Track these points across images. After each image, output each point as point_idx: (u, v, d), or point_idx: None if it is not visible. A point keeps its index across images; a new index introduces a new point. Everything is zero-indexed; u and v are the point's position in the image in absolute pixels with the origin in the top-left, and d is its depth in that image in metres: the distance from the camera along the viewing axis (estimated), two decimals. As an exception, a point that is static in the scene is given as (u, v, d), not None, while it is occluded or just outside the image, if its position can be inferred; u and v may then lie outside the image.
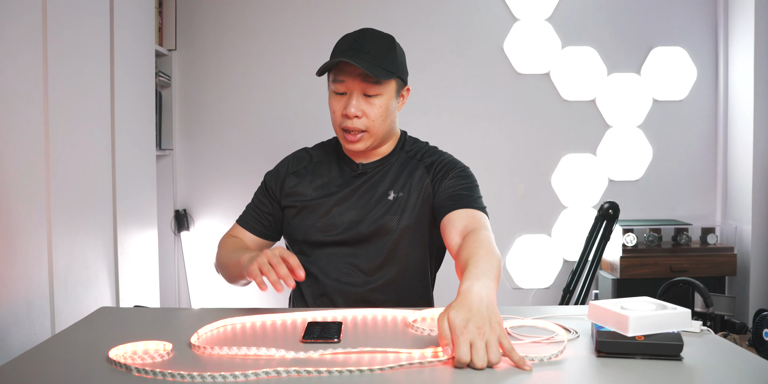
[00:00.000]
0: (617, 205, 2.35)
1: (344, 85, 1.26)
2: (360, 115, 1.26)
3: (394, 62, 1.28)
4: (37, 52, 1.46)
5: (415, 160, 1.38)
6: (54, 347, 0.96)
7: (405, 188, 1.33)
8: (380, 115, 1.28)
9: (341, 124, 1.29)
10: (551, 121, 2.88)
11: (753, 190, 2.73)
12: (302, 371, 0.82)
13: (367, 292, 1.32)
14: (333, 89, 1.28)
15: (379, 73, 1.23)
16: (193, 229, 2.81)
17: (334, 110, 1.29)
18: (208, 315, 1.13)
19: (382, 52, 1.26)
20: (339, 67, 1.26)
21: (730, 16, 2.85)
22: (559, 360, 0.88)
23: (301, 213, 1.36)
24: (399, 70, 1.30)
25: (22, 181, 1.38)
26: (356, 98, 1.26)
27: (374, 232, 1.31)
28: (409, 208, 1.32)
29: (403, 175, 1.35)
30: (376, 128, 1.29)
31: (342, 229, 1.33)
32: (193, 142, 2.81)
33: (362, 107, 1.26)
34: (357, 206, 1.33)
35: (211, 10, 2.78)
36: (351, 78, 1.25)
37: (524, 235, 2.89)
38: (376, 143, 1.33)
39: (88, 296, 1.72)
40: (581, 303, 2.42)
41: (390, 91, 1.28)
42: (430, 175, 1.34)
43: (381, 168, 1.36)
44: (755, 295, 2.74)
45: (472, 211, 1.25)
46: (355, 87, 1.25)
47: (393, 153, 1.38)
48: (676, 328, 0.91)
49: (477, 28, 2.83)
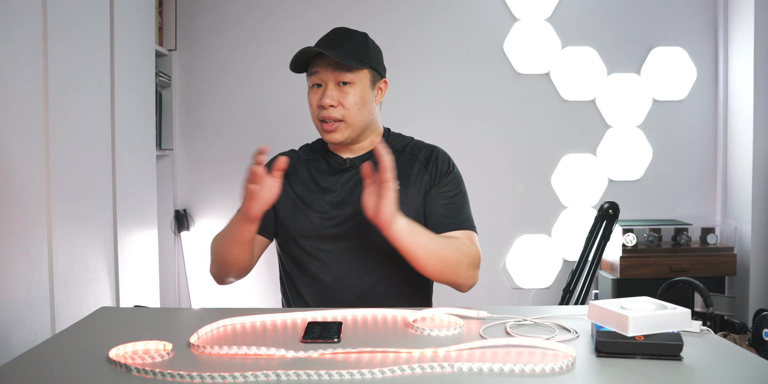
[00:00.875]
0: (617, 205, 2.35)
1: (318, 76, 1.31)
2: (335, 104, 1.30)
3: (365, 53, 1.33)
4: (37, 52, 1.46)
5: (405, 153, 1.40)
6: (54, 347, 0.96)
7: (402, 181, 1.34)
8: (355, 103, 1.31)
9: (318, 115, 1.33)
10: (551, 121, 2.88)
11: (753, 190, 2.73)
12: (302, 374, 0.82)
13: (368, 286, 1.32)
14: (309, 83, 1.34)
15: (349, 61, 1.28)
16: (193, 229, 2.81)
17: (312, 103, 1.33)
18: (208, 315, 1.13)
19: (353, 45, 1.32)
20: (313, 61, 1.32)
21: (730, 16, 2.85)
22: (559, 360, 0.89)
23: (295, 210, 1.36)
24: (372, 61, 1.34)
25: (22, 181, 1.38)
26: (330, 88, 1.30)
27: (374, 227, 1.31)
28: (408, 201, 1.33)
29: (397, 167, 1.36)
30: (352, 118, 1.31)
31: (338, 222, 1.33)
32: (193, 142, 2.81)
33: (337, 97, 1.30)
34: (351, 199, 1.34)
35: (211, 10, 2.78)
36: (323, 68, 1.30)
37: (524, 235, 2.90)
38: (354, 134, 1.34)
39: (88, 296, 1.72)
40: (581, 303, 2.42)
41: (364, 81, 1.32)
42: (428, 170, 1.37)
43: (369, 160, 1.37)
44: (755, 295, 2.74)
45: (467, 232, 1.32)
46: (329, 77, 1.30)
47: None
48: (676, 328, 0.91)
49: (477, 28, 2.83)
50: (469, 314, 1.10)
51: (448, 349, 0.92)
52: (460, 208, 1.35)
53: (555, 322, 1.06)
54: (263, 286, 2.81)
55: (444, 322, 1.08)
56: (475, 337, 0.99)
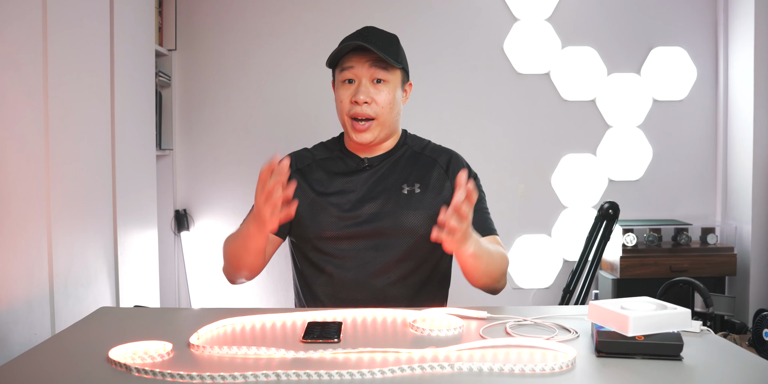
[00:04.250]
0: (617, 205, 2.35)
1: (353, 71, 1.28)
2: (369, 101, 1.28)
3: (399, 53, 1.32)
4: (37, 52, 1.46)
5: (424, 155, 1.39)
6: (54, 347, 0.96)
7: (421, 184, 1.34)
8: (389, 102, 1.30)
9: (349, 112, 1.29)
10: (551, 121, 2.88)
11: (753, 190, 2.73)
12: (302, 374, 0.82)
13: (386, 287, 1.31)
14: (340, 78, 1.30)
15: (390, 57, 1.27)
16: (193, 229, 2.81)
17: (342, 99, 1.30)
18: (208, 315, 1.13)
19: (388, 43, 1.30)
20: (347, 56, 1.29)
21: (730, 16, 2.85)
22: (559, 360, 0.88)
23: (312, 209, 1.34)
24: (404, 62, 1.34)
25: (22, 181, 1.38)
26: (365, 84, 1.28)
27: (394, 228, 1.31)
28: (427, 205, 1.33)
29: (416, 169, 1.36)
30: (384, 116, 1.30)
31: (358, 221, 1.32)
32: (193, 142, 2.81)
33: (371, 94, 1.28)
34: (369, 198, 1.33)
35: (211, 10, 2.78)
36: (360, 64, 1.28)
37: (524, 235, 2.90)
38: (383, 134, 1.33)
39: (88, 296, 1.72)
40: (581, 303, 2.42)
41: (396, 80, 1.32)
42: (449, 176, 1.36)
43: (387, 161, 1.37)
44: (755, 295, 2.74)
45: (493, 237, 1.33)
46: (364, 73, 1.28)
47: (396, 147, 1.39)
48: (676, 328, 0.91)
49: (477, 28, 2.83)
50: (469, 314, 1.10)
51: (448, 349, 0.92)
52: (485, 213, 1.36)
53: (555, 322, 1.06)
54: (263, 286, 2.81)
55: (444, 322, 1.08)
56: (475, 337, 0.99)
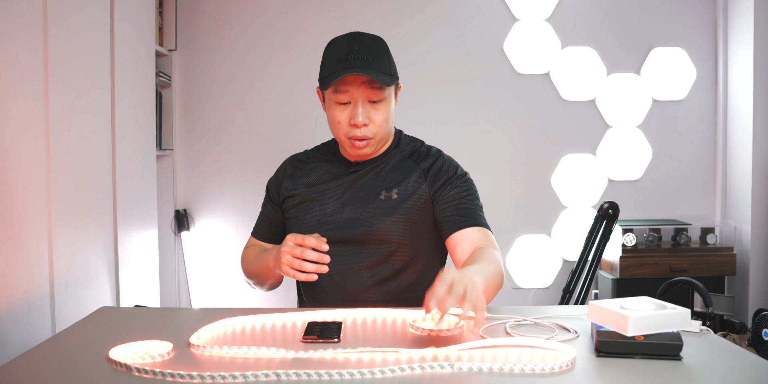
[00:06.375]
0: (617, 205, 2.36)
1: (347, 94, 1.25)
2: (367, 122, 1.26)
3: (390, 64, 1.29)
4: (37, 52, 1.46)
5: (410, 161, 1.37)
6: (54, 347, 0.96)
7: (399, 189, 1.33)
8: (385, 119, 1.29)
9: (348, 134, 1.28)
10: (551, 121, 2.88)
11: (752, 190, 2.73)
12: (302, 374, 0.82)
13: (358, 292, 1.31)
14: (335, 100, 1.27)
15: (384, 79, 1.24)
16: (193, 229, 2.81)
17: (339, 121, 1.27)
18: (208, 315, 1.13)
19: (378, 55, 1.26)
20: (341, 78, 1.25)
21: (729, 16, 2.85)
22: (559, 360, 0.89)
23: (297, 213, 1.36)
24: (395, 71, 1.31)
25: (23, 181, 1.38)
26: (362, 106, 1.26)
27: (369, 234, 1.30)
28: (403, 210, 1.31)
29: (398, 174, 1.35)
30: (381, 133, 1.30)
31: (335, 227, 1.32)
32: (193, 142, 2.81)
33: (369, 115, 1.27)
34: (350, 203, 1.33)
35: (211, 10, 2.78)
36: (354, 87, 1.24)
37: (524, 235, 2.90)
38: (380, 144, 1.34)
39: (88, 296, 1.72)
40: (581, 303, 2.42)
41: (390, 93, 1.30)
42: (427, 180, 1.33)
43: (374, 166, 1.36)
44: (755, 295, 2.74)
45: (483, 230, 1.28)
46: (360, 95, 1.25)
47: (387, 151, 1.38)
48: (675, 327, 0.91)
49: (477, 28, 2.83)
50: (469, 314, 1.10)
51: (448, 349, 0.92)
52: (472, 207, 1.31)
53: (555, 322, 1.07)
54: (263, 286, 2.81)
55: (444, 322, 1.08)
56: (475, 337, 1.00)
